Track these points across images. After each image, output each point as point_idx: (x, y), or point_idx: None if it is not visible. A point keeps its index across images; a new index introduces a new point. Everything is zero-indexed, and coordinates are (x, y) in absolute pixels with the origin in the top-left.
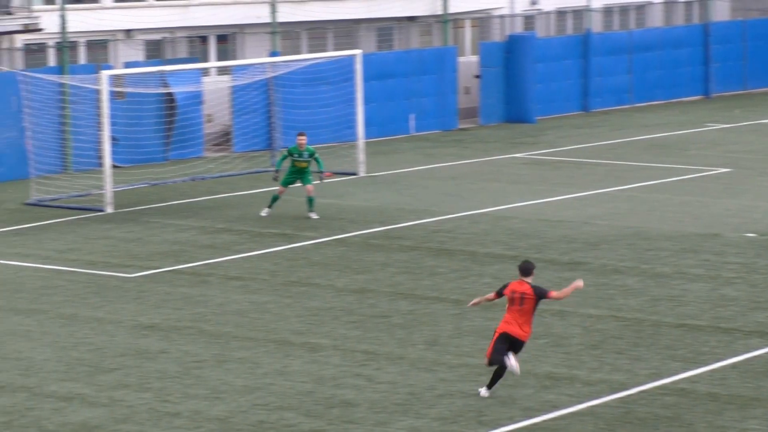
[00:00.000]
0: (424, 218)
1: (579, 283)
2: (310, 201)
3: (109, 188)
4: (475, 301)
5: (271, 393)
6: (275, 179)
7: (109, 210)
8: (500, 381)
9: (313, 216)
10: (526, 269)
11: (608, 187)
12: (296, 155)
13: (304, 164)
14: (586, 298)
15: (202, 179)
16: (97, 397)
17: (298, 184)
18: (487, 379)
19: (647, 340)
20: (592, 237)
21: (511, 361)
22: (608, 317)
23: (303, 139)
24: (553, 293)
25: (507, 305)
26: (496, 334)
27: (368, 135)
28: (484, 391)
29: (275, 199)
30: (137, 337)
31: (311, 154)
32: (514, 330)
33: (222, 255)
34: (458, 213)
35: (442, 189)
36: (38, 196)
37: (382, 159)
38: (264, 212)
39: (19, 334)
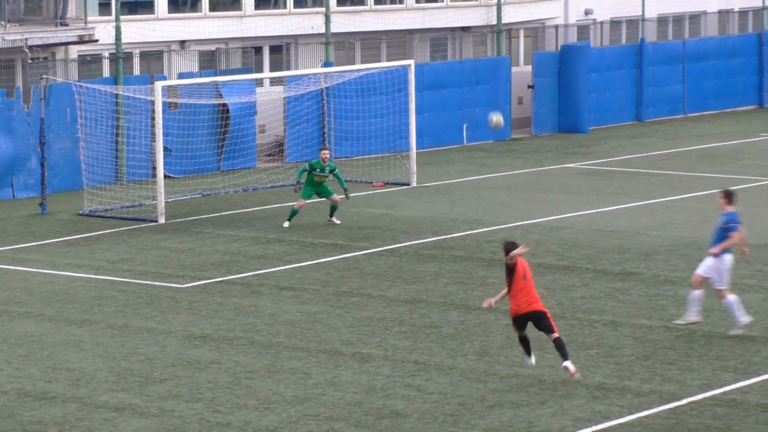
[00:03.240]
0: (477, 228)
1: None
2: (334, 208)
3: (161, 199)
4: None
5: (321, 403)
6: (296, 191)
7: (162, 220)
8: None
9: (335, 221)
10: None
11: (661, 198)
12: (318, 170)
13: (323, 179)
14: (638, 309)
15: (255, 190)
16: (148, 408)
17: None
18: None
19: (698, 351)
20: (645, 247)
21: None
22: (660, 328)
23: (326, 154)
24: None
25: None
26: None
27: (421, 145)
28: (531, 360)
29: (294, 213)
30: (188, 347)
31: (332, 170)
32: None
33: (274, 265)
34: (510, 223)
35: (495, 199)
36: (91, 207)
37: (434, 169)
38: (285, 224)
39: (70, 344)
